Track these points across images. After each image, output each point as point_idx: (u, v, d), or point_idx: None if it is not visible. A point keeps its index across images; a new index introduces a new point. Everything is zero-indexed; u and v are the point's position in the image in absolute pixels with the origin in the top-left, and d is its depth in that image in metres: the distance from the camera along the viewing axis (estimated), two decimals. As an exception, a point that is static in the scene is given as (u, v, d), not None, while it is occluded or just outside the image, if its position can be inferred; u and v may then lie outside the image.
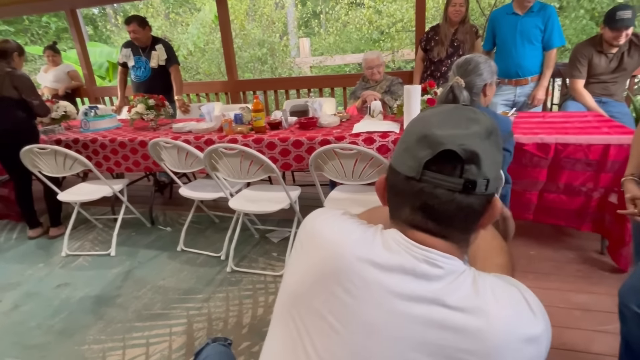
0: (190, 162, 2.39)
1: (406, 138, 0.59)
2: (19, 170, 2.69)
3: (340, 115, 2.75)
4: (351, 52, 9.97)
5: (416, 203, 0.57)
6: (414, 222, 0.58)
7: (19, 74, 2.63)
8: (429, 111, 0.61)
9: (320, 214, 0.67)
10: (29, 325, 1.97)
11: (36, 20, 13.12)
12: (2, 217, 3.32)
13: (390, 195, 0.62)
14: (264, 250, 2.52)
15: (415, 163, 0.55)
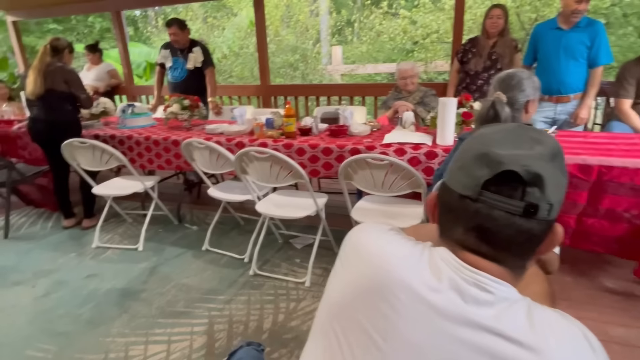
0: (221, 164, 2.43)
1: (462, 155, 0.57)
2: (60, 162, 2.81)
3: (371, 125, 2.73)
4: (383, 62, 9.94)
5: (470, 224, 0.55)
6: (466, 243, 0.56)
7: (69, 69, 2.76)
8: (488, 129, 0.58)
9: (367, 227, 0.67)
10: (58, 312, 2.03)
11: (82, 20, 13.80)
12: (40, 206, 3.48)
13: (442, 213, 0.60)
14: (287, 256, 2.51)
15: (471, 182, 0.53)
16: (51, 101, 2.71)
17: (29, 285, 2.29)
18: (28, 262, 2.56)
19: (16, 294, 2.22)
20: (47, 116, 2.72)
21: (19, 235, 2.97)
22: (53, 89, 2.69)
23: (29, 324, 1.95)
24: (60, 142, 2.64)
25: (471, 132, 1.65)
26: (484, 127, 0.61)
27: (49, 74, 2.67)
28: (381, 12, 9.38)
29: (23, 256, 2.64)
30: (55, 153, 2.79)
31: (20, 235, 2.96)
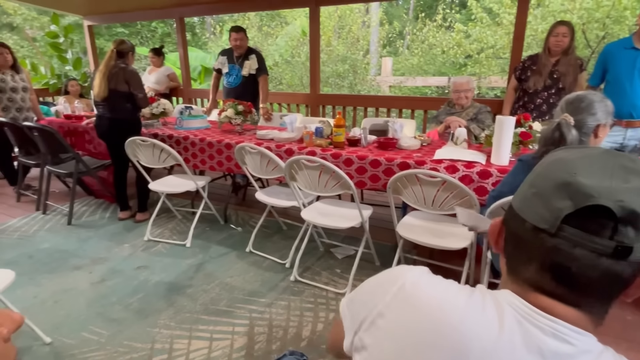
0: (270, 169, 2.49)
1: (539, 181, 0.50)
2: (121, 157, 3.00)
3: (421, 139, 2.69)
4: (433, 75, 9.78)
5: (546, 262, 0.48)
6: (539, 283, 0.49)
7: (130, 69, 2.94)
8: (568, 152, 0.51)
9: (414, 274, 0.57)
10: (111, 299, 2.16)
11: (146, 25, 14.78)
12: (100, 197, 3.73)
13: (510, 245, 0.53)
14: (328, 265, 2.52)
15: (550, 214, 0.47)
16: (114, 101, 2.91)
17: (87, 271, 2.46)
18: (87, 249, 2.74)
19: (75, 278, 2.38)
20: (110, 115, 2.93)
21: (80, 222, 3.20)
22: (116, 89, 2.88)
23: (86, 307, 2.09)
24: (121, 140, 2.83)
25: (534, 154, 1.58)
26: (563, 149, 0.53)
27: (112, 76, 2.86)
28: (435, 25, 9.25)
29: (83, 243, 2.84)
30: (117, 149, 2.99)
31: (81, 223, 3.19)
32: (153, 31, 15.14)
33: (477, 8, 8.26)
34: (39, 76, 5.71)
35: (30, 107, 3.83)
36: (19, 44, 11.91)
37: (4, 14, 12.68)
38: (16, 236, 2.95)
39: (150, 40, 14.97)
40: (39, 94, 4.83)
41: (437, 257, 2.47)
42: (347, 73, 8.51)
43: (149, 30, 15.12)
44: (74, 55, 5.91)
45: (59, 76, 5.67)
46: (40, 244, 2.81)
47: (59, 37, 5.72)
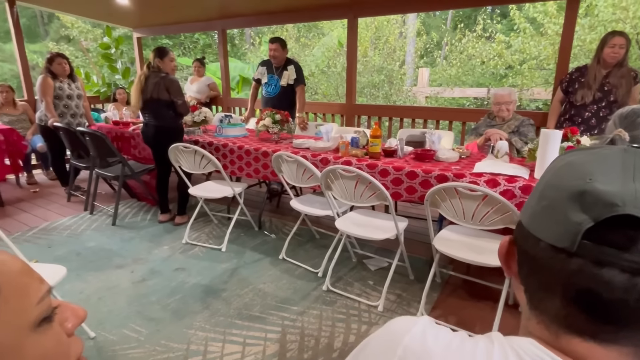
0: (306, 178, 2.51)
1: (549, 192, 0.41)
2: (164, 163, 3.14)
3: (460, 151, 2.63)
4: (471, 86, 9.56)
5: (570, 288, 0.38)
6: (568, 320, 0.39)
7: (171, 78, 3.06)
8: (581, 155, 0.43)
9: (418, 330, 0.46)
10: (150, 299, 2.25)
11: (189, 36, 15.47)
12: (142, 199, 3.90)
13: (525, 269, 0.43)
14: (360, 276, 2.50)
15: (566, 230, 0.38)
16: (157, 109, 3.05)
17: (129, 270, 2.57)
18: (129, 249, 2.87)
19: (118, 276, 2.50)
20: (154, 122, 3.07)
21: (124, 223, 3.36)
22: (158, 98, 3.01)
23: (127, 305, 2.18)
24: (164, 145, 2.96)
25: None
26: (573, 151, 0.44)
27: (154, 86, 2.99)
28: (474, 35, 9.07)
29: (126, 243, 2.98)
30: (160, 155, 3.13)
31: (124, 224, 3.35)
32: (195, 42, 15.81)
33: (519, 18, 8.04)
34: (91, 84, 6.09)
35: (83, 113, 4.09)
36: (75, 54, 12.78)
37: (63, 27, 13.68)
38: (66, 234, 3.13)
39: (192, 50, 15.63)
40: (90, 101, 5.15)
41: (474, 274, 2.39)
42: (383, 83, 8.49)
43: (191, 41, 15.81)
44: (123, 65, 6.26)
45: (109, 84, 6.03)
46: (87, 242, 2.97)
47: (111, 48, 6.09)
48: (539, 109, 9.25)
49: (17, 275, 0.38)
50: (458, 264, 2.50)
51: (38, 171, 4.89)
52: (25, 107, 4.58)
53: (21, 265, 0.39)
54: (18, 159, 4.28)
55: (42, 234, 3.14)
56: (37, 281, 0.39)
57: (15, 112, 4.47)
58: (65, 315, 0.42)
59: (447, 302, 2.22)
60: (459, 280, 2.42)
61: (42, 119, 3.83)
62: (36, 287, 0.38)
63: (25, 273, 0.39)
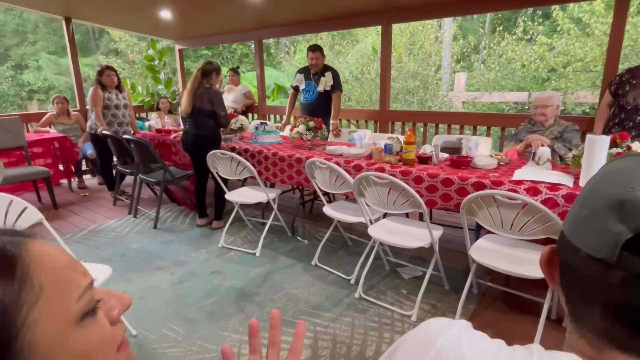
0: (339, 184, 2.52)
1: (590, 200, 0.40)
2: (202, 169, 3.25)
3: (498, 158, 2.54)
4: (510, 90, 9.23)
5: (609, 301, 0.37)
6: (610, 334, 0.37)
7: (214, 90, 3.18)
8: (628, 161, 0.41)
9: (453, 333, 0.45)
10: (188, 300, 2.32)
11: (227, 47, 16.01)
12: (181, 204, 4.06)
13: (566, 280, 0.42)
14: (394, 285, 2.46)
15: (605, 240, 0.37)
16: (198, 118, 3.17)
17: (169, 272, 2.67)
18: (169, 252, 2.99)
19: (158, 277, 2.60)
20: (195, 131, 3.19)
21: (164, 227, 3.50)
22: (201, 108, 3.13)
23: (166, 306, 2.27)
24: (203, 153, 3.07)
25: None
26: (622, 158, 0.43)
27: (198, 96, 3.12)
28: (514, 38, 8.76)
29: (166, 245, 3.10)
30: (199, 161, 3.25)
31: (165, 227, 3.49)
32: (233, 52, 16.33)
33: (563, 19, 7.68)
34: (136, 94, 6.43)
35: (129, 122, 4.32)
36: (122, 66, 13.56)
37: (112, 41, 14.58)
38: (112, 236, 3.31)
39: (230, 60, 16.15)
40: (135, 110, 5.44)
41: (513, 286, 2.29)
42: (418, 89, 8.37)
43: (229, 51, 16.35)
44: (165, 75, 6.57)
45: (153, 94, 6.34)
46: (131, 244, 3.13)
47: (154, 60, 6.41)
48: (586, 113, 8.76)
49: (62, 271, 0.38)
50: (497, 275, 2.40)
51: (88, 176, 5.21)
52: (78, 116, 4.91)
53: (66, 259, 0.39)
54: (70, 165, 4.59)
55: (91, 235, 3.34)
56: (81, 275, 0.39)
57: (69, 121, 4.80)
58: (111, 304, 0.43)
59: (485, 314, 2.14)
60: (497, 291, 2.33)
61: (92, 128, 4.08)
62: (78, 281, 0.39)
63: (70, 267, 0.39)
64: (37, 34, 15.83)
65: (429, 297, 2.28)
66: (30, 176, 3.85)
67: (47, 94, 14.79)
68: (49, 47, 15.88)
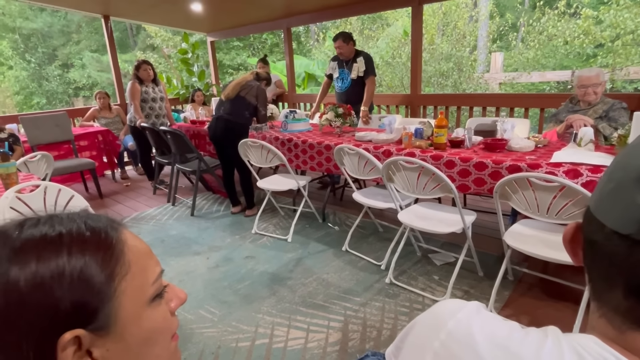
0: (368, 170, 2.50)
1: (618, 173, 0.37)
2: (228, 158, 3.35)
3: (536, 140, 2.43)
4: (552, 69, 8.71)
5: (633, 281, 0.35)
6: (632, 314, 0.35)
7: (262, 89, 3.38)
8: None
9: (465, 314, 0.44)
10: (223, 284, 2.41)
11: (258, 37, 16.11)
12: (216, 192, 4.19)
13: (589, 257, 0.40)
14: (425, 270, 2.43)
15: (632, 214, 0.34)
16: (237, 106, 3.26)
17: (205, 256, 2.78)
18: (205, 237, 3.10)
19: (195, 262, 2.72)
20: (228, 117, 3.26)
21: (201, 214, 3.64)
22: (244, 97, 3.26)
23: (203, 289, 2.37)
24: (230, 141, 3.17)
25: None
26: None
27: (246, 87, 3.28)
28: (556, 13, 8.22)
29: (202, 232, 3.22)
30: (225, 150, 3.35)
31: (201, 215, 3.62)
32: (263, 42, 16.42)
33: (612, -12, 7.10)
34: (172, 87, 6.64)
35: (166, 114, 4.48)
36: (158, 61, 14.00)
37: (148, 37, 15.06)
38: (152, 223, 3.48)
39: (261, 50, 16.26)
40: (171, 102, 5.63)
41: (552, 272, 2.20)
42: (452, 71, 8.08)
43: (259, 42, 16.45)
44: (199, 68, 6.73)
45: (187, 87, 6.52)
46: (170, 231, 3.27)
47: (188, 53, 6.57)
48: (638, 90, 8.12)
49: (143, 256, 0.45)
50: (534, 262, 2.32)
51: (129, 167, 5.47)
52: (118, 110, 5.15)
53: (146, 247, 0.46)
54: (113, 157, 4.84)
55: (133, 222, 3.52)
56: (155, 263, 0.46)
57: (111, 115, 5.04)
58: (170, 296, 0.49)
59: (520, 301, 2.08)
60: (534, 278, 2.25)
61: (132, 120, 4.27)
62: (153, 268, 0.46)
63: (148, 255, 0.46)
64: (80, 33, 16.63)
65: (461, 284, 2.24)
66: (78, 168, 4.10)
67: (91, 90, 15.59)
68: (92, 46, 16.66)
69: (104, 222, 0.44)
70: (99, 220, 0.44)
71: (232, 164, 3.42)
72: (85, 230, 0.41)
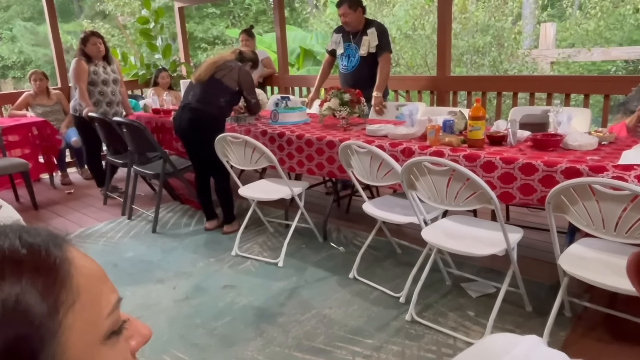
0: (382, 174, 2.52)
1: None
2: (202, 158, 3.36)
3: (600, 135, 2.46)
4: (619, 44, 8.80)
5: None
6: None
7: (246, 71, 3.40)
8: None
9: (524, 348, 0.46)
10: (195, 321, 2.41)
11: (240, 2, 16.25)
12: (185, 202, 4.20)
13: None
14: (457, 305, 2.44)
15: None
16: (210, 91, 3.26)
17: (171, 286, 2.78)
18: (171, 261, 3.11)
19: (158, 292, 2.72)
20: (197, 105, 3.26)
21: (165, 230, 3.64)
22: (220, 80, 3.25)
23: (168, 327, 2.37)
24: (201, 136, 3.20)
25: None
26: None
27: (223, 67, 3.28)
28: (623, -28, 8.34)
29: (167, 254, 3.23)
30: (196, 148, 3.37)
31: (166, 232, 3.63)
32: (247, 9, 16.54)
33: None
34: (128, 67, 6.69)
35: (120, 100, 4.50)
36: (110, 32, 14.11)
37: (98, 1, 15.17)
38: (102, 242, 3.48)
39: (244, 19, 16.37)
40: (127, 86, 5.65)
41: (621, 307, 2.20)
42: (490, 47, 8.15)
43: (241, 8, 16.57)
44: (163, 41, 6.79)
45: (148, 66, 6.55)
46: (125, 252, 3.28)
47: (150, 23, 6.61)
48: None
49: (96, 280, 0.44)
50: (598, 293, 2.32)
51: (72, 169, 5.49)
52: (59, 96, 5.17)
53: (99, 269, 0.46)
54: (52, 156, 4.85)
55: (77, 241, 3.45)
56: (110, 289, 0.46)
57: (49, 102, 5.07)
58: (130, 332, 0.48)
59: (581, 344, 2.09)
60: (598, 314, 2.26)
61: (76, 109, 4.29)
62: (107, 296, 0.45)
63: (102, 279, 0.46)
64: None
65: (504, 321, 2.24)
66: (6, 170, 4.11)
67: (24, 69, 15.66)
68: (24, 13, 16.75)
69: (44, 237, 0.43)
70: (37, 234, 0.43)
71: (207, 164, 3.42)
72: (20, 248, 0.40)
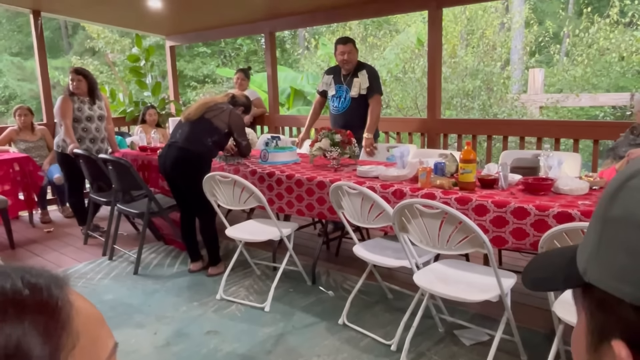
0: (374, 216, 2.52)
1: (628, 233, 0.38)
2: (187, 197, 3.37)
3: (590, 180, 2.51)
4: (606, 91, 9.11)
5: None
6: None
7: (237, 114, 3.47)
8: None
9: None
10: (176, 369, 2.34)
11: (231, 42, 16.63)
12: (169, 243, 4.15)
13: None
14: (451, 353, 2.41)
15: None
16: (198, 129, 3.30)
17: (151, 331, 2.71)
18: (152, 304, 3.04)
19: (138, 338, 2.64)
20: (183, 144, 3.29)
21: (148, 272, 3.58)
22: (210, 120, 3.30)
23: (147, 376, 2.29)
24: (185, 175, 3.25)
25: None
26: None
27: (215, 109, 3.35)
28: (608, 22, 8.72)
29: (148, 297, 3.16)
30: (181, 187, 3.39)
31: (148, 273, 3.57)
32: (238, 49, 16.92)
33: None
34: (116, 103, 6.73)
35: (105, 137, 4.50)
36: (99, 69, 14.27)
37: (88, 38, 15.43)
38: (80, 284, 3.40)
39: (234, 59, 16.72)
40: (115, 123, 5.68)
41: (618, 356, 2.19)
42: (479, 91, 8.37)
43: (233, 48, 16.95)
44: (153, 79, 6.88)
45: (137, 103, 6.61)
46: (104, 295, 3.20)
47: (140, 60, 6.73)
48: None
49: (94, 324, 0.44)
50: (593, 341, 2.31)
51: (53, 207, 5.42)
52: (43, 131, 5.17)
53: (97, 313, 0.46)
54: (33, 193, 4.79)
55: (55, 282, 3.44)
56: (107, 334, 0.46)
57: (33, 137, 5.05)
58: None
59: (579, 396, 2.05)
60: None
61: (59, 146, 4.28)
62: (105, 340, 0.45)
63: (100, 323, 0.45)
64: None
65: (499, 371, 2.21)
66: (-16, 207, 4.04)
67: (8, 104, 15.68)
68: (12, 48, 16.96)
69: (46, 278, 0.43)
70: (39, 275, 0.43)
71: (192, 205, 3.41)
72: (22, 288, 0.40)
